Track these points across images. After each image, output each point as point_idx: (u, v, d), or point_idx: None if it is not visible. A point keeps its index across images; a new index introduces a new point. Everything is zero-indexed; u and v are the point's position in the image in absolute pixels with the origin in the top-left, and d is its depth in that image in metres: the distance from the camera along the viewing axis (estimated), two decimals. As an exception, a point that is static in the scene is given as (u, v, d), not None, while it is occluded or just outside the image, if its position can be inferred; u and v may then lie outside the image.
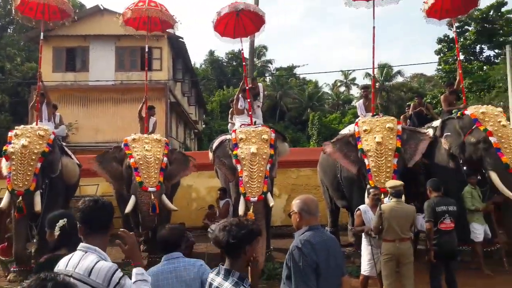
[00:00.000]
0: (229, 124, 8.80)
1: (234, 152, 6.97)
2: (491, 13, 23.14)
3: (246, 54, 21.99)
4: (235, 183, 7.29)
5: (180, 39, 19.60)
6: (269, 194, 6.84)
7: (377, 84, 32.91)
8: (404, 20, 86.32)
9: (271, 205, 6.92)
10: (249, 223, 2.42)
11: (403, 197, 5.12)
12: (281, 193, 11.48)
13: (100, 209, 2.27)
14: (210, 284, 2.36)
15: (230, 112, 8.88)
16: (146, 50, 8.81)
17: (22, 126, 7.47)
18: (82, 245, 2.20)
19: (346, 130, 8.64)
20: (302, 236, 2.69)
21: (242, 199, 6.70)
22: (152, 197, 6.76)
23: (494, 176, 6.54)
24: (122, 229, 2.30)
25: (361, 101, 8.63)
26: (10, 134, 7.21)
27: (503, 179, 6.46)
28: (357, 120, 7.60)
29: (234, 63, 42.82)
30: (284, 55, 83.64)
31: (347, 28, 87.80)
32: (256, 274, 2.52)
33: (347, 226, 9.25)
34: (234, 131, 7.41)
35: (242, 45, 8.20)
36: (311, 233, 2.69)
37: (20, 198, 6.68)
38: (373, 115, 7.52)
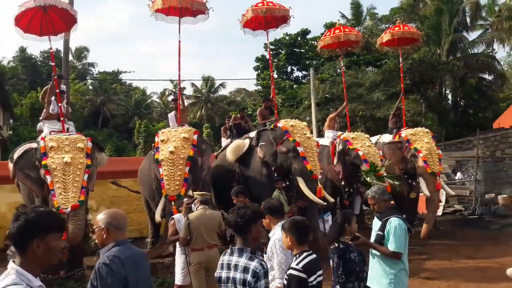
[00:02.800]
0: (39, 124, 7.84)
1: (43, 162, 6.23)
2: (299, 39, 26.60)
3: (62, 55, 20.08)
4: (42, 199, 6.50)
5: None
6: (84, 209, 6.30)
7: (203, 96, 33.66)
8: (231, 36, 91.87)
9: (88, 218, 6.41)
10: (253, 205, 2.82)
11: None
12: (100, 206, 10.72)
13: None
14: (228, 265, 2.62)
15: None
16: None
17: None
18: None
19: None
20: (109, 252, 2.55)
21: None
22: None
23: (300, 181, 7.38)
24: None
25: (173, 113, 8.71)
26: None
27: (307, 184, 7.35)
28: (158, 131, 7.66)
29: (51, 63, 38.68)
30: (108, 59, 79.50)
31: (177, 38, 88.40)
32: None
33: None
34: (43, 138, 6.62)
35: (51, 44, 7.39)
36: (119, 248, 2.57)
37: None
38: (178, 126, 7.67)
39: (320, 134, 13.50)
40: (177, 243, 5.20)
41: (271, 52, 11.64)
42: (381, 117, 18.87)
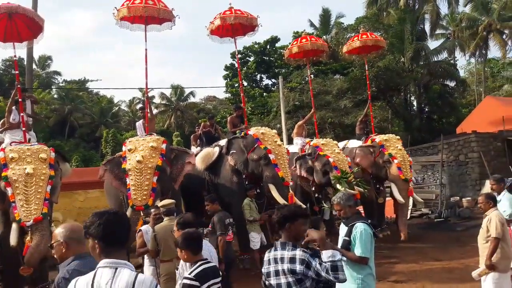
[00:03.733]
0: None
1: (3, 174, 5.98)
2: (268, 47, 26.83)
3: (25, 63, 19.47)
4: (2, 212, 6.24)
5: None
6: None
7: (173, 105, 33.08)
8: (200, 44, 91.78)
9: (52, 230, 6.19)
10: (293, 206, 3.02)
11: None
12: (66, 218, 10.35)
13: (120, 221, 2.12)
14: (275, 259, 2.75)
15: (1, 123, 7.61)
16: None
17: None
18: (107, 261, 2.01)
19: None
20: (69, 266, 2.46)
21: (15, 226, 5.76)
22: None
23: (272, 188, 7.40)
24: None
25: (141, 121, 8.57)
26: None
27: (279, 191, 7.38)
28: (126, 141, 7.50)
29: (13, 71, 37.36)
30: (73, 68, 77.45)
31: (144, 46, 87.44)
32: None
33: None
34: (3, 149, 6.37)
35: (15, 51, 7.15)
36: (79, 262, 2.48)
37: None
38: (146, 135, 7.56)
39: (290, 141, 13.61)
40: (145, 255, 5.10)
41: (239, 60, 11.64)
42: (349, 123, 19.23)
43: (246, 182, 7.93)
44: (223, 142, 8.68)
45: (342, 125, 20.22)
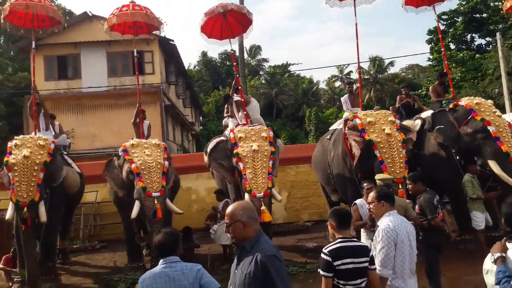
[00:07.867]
0: (224, 120, 8.78)
1: (235, 151, 6.92)
2: (477, 6, 23.31)
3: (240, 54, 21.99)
4: (234, 184, 7.26)
5: (171, 42, 19.55)
6: (274, 190, 6.81)
7: (371, 78, 32.24)
8: (397, 12, 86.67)
9: (278, 199, 6.98)
10: None
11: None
12: (281, 190, 11.44)
13: None
14: None
15: (226, 107, 8.73)
16: (135, 54, 8.73)
17: (21, 136, 7.20)
18: None
19: (336, 125, 8.68)
20: (264, 245, 2.59)
21: (247, 196, 6.61)
22: (156, 202, 6.66)
23: (494, 165, 6.49)
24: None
25: (346, 95, 8.59)
26: (9, 144, 6.95)
27: (503, 168, 6.41)
28: (357, 113, 7.29)
29: (228, 63, 42.82)
30: (277, 53, 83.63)
31: (339, 23, 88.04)
32: None
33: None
34: (232, 130, 7.39)
35: (231, 46, 8.15)
36: (264, 238, 2.66)
37: (25, 209, 6.45)
38: (363, 109, 7.45)
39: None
40: (362, 229, 5.19)
41: (445, 23, 10.45)
42: None
43: (457, 157, 7.18)
44: (425, 114, 8.01)
45: None
